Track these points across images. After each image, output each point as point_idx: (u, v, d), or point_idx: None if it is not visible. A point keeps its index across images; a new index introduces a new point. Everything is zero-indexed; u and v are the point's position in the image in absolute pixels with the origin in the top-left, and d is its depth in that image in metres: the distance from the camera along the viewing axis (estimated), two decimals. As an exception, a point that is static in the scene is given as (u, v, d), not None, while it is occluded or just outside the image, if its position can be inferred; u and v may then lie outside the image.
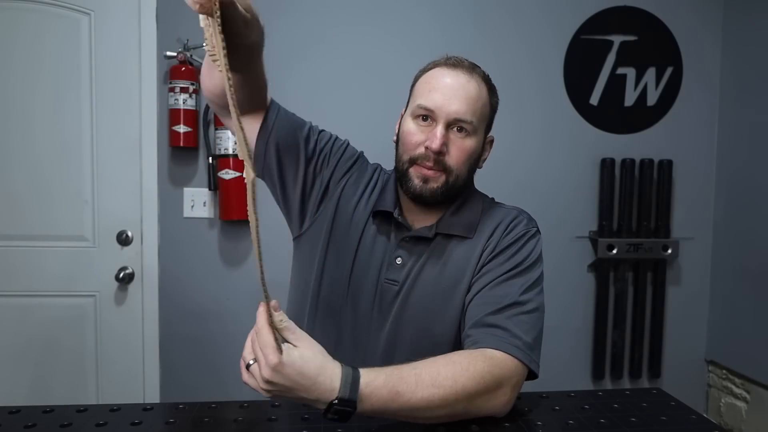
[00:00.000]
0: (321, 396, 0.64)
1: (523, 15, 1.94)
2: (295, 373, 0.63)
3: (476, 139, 0.89)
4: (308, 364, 0.64)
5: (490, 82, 0.92)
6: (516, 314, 0.80)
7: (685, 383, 2.05)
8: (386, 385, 0.67)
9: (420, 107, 0.86)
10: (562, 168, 1.98)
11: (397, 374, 0.69)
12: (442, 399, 0.69)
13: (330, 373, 0.65)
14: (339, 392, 0.64)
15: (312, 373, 0.64)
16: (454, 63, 0.89)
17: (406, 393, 0.68)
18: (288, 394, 0.65)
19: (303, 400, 0.66)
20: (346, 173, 0.97)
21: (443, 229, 0.90)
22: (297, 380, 0.63)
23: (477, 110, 0.87)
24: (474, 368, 0.72)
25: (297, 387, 0.64)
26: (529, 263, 0.87)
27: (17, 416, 0.75)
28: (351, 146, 1.00)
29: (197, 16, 0.52)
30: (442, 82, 0.86)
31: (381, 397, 0.67)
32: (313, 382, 0.64)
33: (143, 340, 1.86)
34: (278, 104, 0.92)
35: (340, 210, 0.94)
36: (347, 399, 0.65)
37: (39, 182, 1.79)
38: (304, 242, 0.97)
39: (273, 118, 0.90)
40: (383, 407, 0.67)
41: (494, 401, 0.74)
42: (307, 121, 0.96)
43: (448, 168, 0.87)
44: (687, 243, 2.02)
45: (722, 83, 2.02)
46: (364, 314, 0.90)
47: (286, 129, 0.91)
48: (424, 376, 0.69)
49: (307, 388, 0.64)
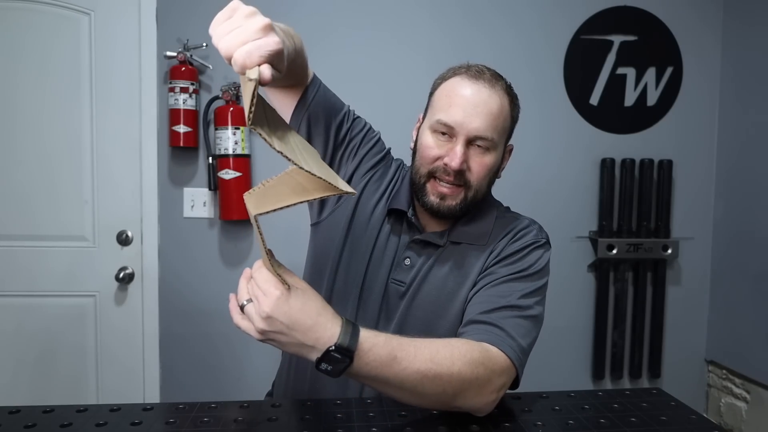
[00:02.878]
0: (320, 339, 0.62)
1: (522, 15, 1.94)
2: (297, 309, 0.61)
3: (496, 154, 0.87)
4: (310, 302, 0.62)
5: (512, 93, 0.89)
6: (513, 316, 0.80)
7: (685, 383, 2.05)
8: (385, 347, 0.65)
9: (440, 123, 0.84)
10: (562, 168, 1.98)
11: (397, 341, 0.68)
12: (436, 376, 0.68)
13: (331, 315, 0.63)
14: (338, 338, 0.62)
15: (314, 312, 0.62)
16: (476, 74, 0.85)
17: (403, 360, 0.66)
18: (283, 338, 0.63)
19: (298, 347, 0.63)
20: (372, 168, 0.96)
21: (454, 238, 0.90)
22: (297, 318, 0.61)
23: (498, 126, 0.85)
24: (471, 356, 0.71)
25: (296, 326, 0.61)
26: (533, 271, 0.86)
27: (17, 416, 0.75)
28: (381, 141, 0.99)
29: (197, 16, 0.53)
30: (462, 96, 0.84)
31: (378, 356, 0.65)
32: (314, 322, 0.62)
33: (143, 339, 1.86)
34: (320, 81, 0.90)
35: (360, 205, 0.93)
36: (345, 347, 0.62)
37: (39, 182, 1.79)
38: (321, 230, 0.97)
39: (312, 95, 0.88)
40: (377, 370, 0.65)
41: (480, 398, 0.73)
42: (345, 104, 0.94)
43: (468, 183, 0.86)
44: (687, 243, 2.02)
45: (722, 83, 2.01)
46: (371, 313, 0.90)
47: (322, 107, 0.89)
48: (423, 349, 0.68)
49: (307, 328, 0.61)
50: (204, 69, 1.82)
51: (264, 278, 0.62)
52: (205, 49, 1.78)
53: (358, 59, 1.88)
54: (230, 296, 0.67)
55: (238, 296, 0.65)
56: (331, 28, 1.86)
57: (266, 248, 0.61)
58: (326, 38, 1.86)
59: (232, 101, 1.78)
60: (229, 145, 1.76)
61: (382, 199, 0.94)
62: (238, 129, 1.76)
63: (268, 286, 0.61)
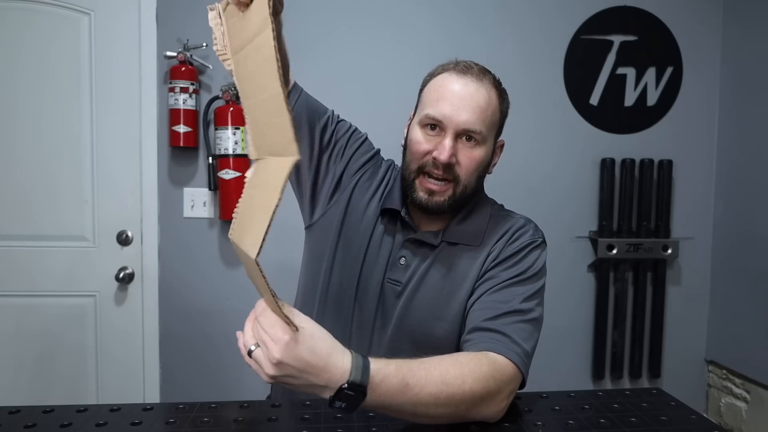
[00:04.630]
0: (332, 379, 0.60)
1: (522, 15, 1.94)
2: (308, 352, 0.59)
3: (485, 148, 0.87)
4: (320, 343, 0.60)
5: (500, 87, 0.90)
6: (516, 321, 0.80)
7: (685, 383, 2.05)
8: (396, 375, 0.65)
9: (428, 117, 0.85)
10: (562, 168, 1.98)
11: (407, 367, 0.67)
12: (448, 397, 0.68)
13: (341, 354, 0.62)
14: (350, 375, 0.61)
15: (324, 353, 0.60)
16: (464, 69, 0.86)
17: (415, 386, 0.66)
18: (295, 381, 0.61)
19: (310, 388, 0.62)
20: (361, 168, 0.96)
21: (449, 237, 0.90)
22: (309, 360, 0.59)
23: (486, 119, 0.85)
24: (480, 371, 0.71)
25: (308, 369, 0.59)
26: (531, 273, 0.86)
27: (17, 416, 0.75)
28: (369, 141, 0.99)
29: (197, 16, 0.53)
30: (450, 90, 0.84)
31: (390, 386, 0.64)
32: (326, 363, 0.60)
33: (143, 339, 1.86)
34: (301, 87, 0.91)
35: (352, 206, 0.94)
36: (358, 383, 0.61)
37: (39, 182, 1.79)
38: (314, 232, 0.97)
39: (294, 100, 0.88)
40: (390, 399, 0.65)
41: (492, 407, 0.73)
42: (328, 108, 0.95)
43: (456, 178, 0.86)
44: (687, 243, 2.02)
45: (722, 83, 2.01)
46: (368, 314, 0.90)
47: (305, 113, 0.90)
48: (433, 371, 0.68)
49: (319, 369, 0.60)
50: (204, 69, 1.82)
51: (270, 323, 0.59)
52: (205, 49, 1.78)
53: (356, 59, 1.88)
54: (237, 334, 0.66)
55: (245, 340, 0.63)
56: (330, 27, 1.86)
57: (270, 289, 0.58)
58: (325, 38, 1.85)
59: (232, 101, 1.78)
60: (229, 145, 1.76)
61: (374, 199, 0.94)
62: (238, 129, 1.76)
63: (276, 330, 0.58)
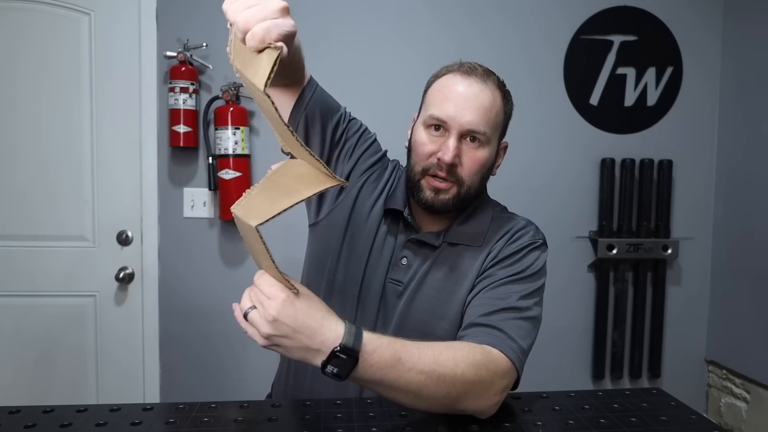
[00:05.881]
0: (325, 342, 0.62)
1: (522, 15, 1.94)
2: (304, 312, 0.61)
3: (489, 149, 0.87)
4: (317, 305, 0.63)
5: (504, 89, 0.90)
6: (513, 318, 0.80)
7: (685, 383, 2.05)
8: (389, 348, 0.66)
9: (432, 117, 0.85)
10: (562, 168, 1.98)
11: (400, 343, 0.68)
12: (440, 377, 0.68)
13: (335, 319, 0.64)
14: (343, 338, 0.62)
15: (319, 315, 0.62)
16: (468, 70, 0.87)
17: (407, 362, 0.66)
18: (288, 342, 0.63)
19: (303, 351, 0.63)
20: (369, 169, 0.96)
21: (450, 238, 0.90)
22: (304, 320, 0.61)
23: (490, 120, 0.85)
24: (473, 358, 0.71)
25: (302, 329, 0.61)
26: (530, 272, 0.86)
27: (17, 416, 0.75)
28: (377, 143, 0.99)
29: (197, 16, 0.53)
30: (454, 91, 0.85)
31: (382, 357, 0.65)
32: (320, 324, 0.62)
33: (143, 339, 1.86)
34: (316, 82, 0.91)
35: (357, 206, 0.94)
36: (350, 347, 0.62)
37: (39, 182, 1.79)
38: (319, 230, 0.97)
39: (309, 95, 0.88)
40: (382, 372, 0.65)
41: (484, 400, 0.73)
42: (342, 106, 0.95)
43: (460, 179, 0.86)
44: (687, 243, 2.02)
45: (722, 83, 2.01)
46: (369, 313, 0.90)
47: (319, 108, 0.90)
48: (426, 351, 0.69)
49: (313, 330, 0.62)
50: (204, 69, 1.82)
51: (269, 283, 0.62)
52: (205, 49, 1.78)
53: (358, 58, 1.88)
54: (233, 306, 0.67)
55: (242, 305, 0.65)
56: (332, 26, 1.86)
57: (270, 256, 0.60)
58: (327, 36, 1.86)
59: (232, 101, 1.78)
60: (229, 145, 1.76)
61: (379, 200, 0.95)
62: (238, 129, 1.76)
63: (274, 289, 0.61)
